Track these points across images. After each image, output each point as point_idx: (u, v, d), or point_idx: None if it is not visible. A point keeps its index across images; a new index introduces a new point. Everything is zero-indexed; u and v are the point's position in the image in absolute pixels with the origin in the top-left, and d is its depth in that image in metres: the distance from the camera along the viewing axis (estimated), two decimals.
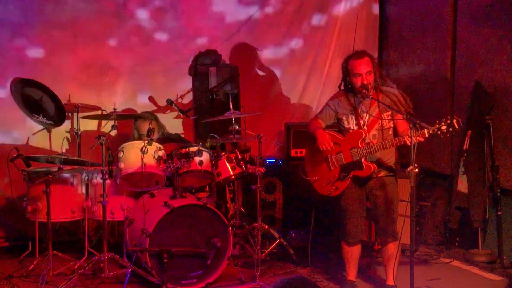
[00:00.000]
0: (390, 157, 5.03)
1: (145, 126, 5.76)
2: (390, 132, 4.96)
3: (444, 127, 4.56)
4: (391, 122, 4.93)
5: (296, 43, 7.28)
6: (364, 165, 4.89)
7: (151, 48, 6.78)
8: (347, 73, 4.96)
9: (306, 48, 7.29)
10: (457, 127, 4.55)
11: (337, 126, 5.13)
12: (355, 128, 4.98)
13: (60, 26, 6.45)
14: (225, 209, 6.27)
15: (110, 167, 5.19)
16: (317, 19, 7.28)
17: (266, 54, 7.19)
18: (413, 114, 4.69)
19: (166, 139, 6.01)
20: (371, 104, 4.95)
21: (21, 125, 6.34)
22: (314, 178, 5.13)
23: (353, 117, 5.00)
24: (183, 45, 6.88)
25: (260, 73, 7.21)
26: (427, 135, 4.60)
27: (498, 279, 5.52)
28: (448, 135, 4.60)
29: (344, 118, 5.04)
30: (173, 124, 6.83)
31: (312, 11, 7.27)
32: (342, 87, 5.11)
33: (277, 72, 7.25)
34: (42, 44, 6.43)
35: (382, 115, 4.93)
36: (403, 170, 5.10)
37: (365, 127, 4.95)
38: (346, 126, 5.03)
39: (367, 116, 4.95)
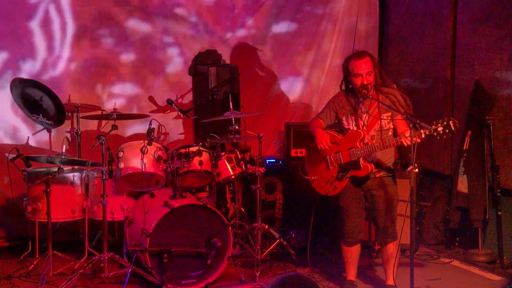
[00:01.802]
0: (389, 158, 5.02)
1: None
2: (390, 133, 4.95)
3: (440, 129, 4.52)
4: (391, 123, 4.93)
5: (296, 43, 7.28)
6: (361, 165, 4.89)
7: (151, 47, 6.78)
8: (347, 73, 4.97)
9: (306, 49, 7.28)
10: (453, 128, 4.51)
11: (339, 126, 5.13)
12: (355, 128, 4.98)
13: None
14: (225, 209, 6.27)
15: (110, 167, 5.19)
16: (317, 20, 7.28)
17: (266, 54, 7.18)
18: (413, 116, 4.68)
19: None
20: (371, 104, 4.95)
21: (21, 125, 6.35)
22: (313, 178, 5.13)
23: (353, 118, 5.00)
24: (183, 45, 6.87)
25: (260, 73, 7.21)
26: (423, 136, 4.57)
27: (498, 279, 5.52)
28: (444, 136, 4.56)
29: (344, 118, 5.05)
30: (173, 124, 6.83)
31: (313, 11, 7.27)
32: (343, 87, 5.11)
33: (277, 72, 7.24)
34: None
35: (382, 116, 4.92)
36: (403, 170, 5.10)
37: (364, 127, 4.95)
38: (346, 126, 5.03)
39: (367, 116, 4.95)
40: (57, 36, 6.43)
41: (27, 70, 6.34)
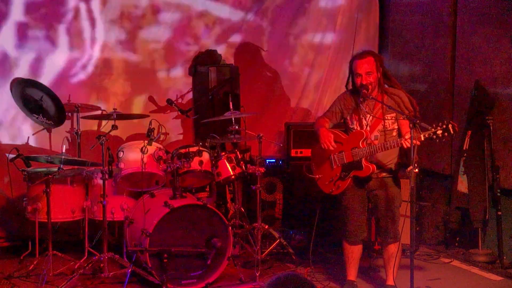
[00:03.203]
0: (392, 159, 5.01)
1: None
2: (394, 133, 4.94)
3: (439, 132, 4.49)
4: (395, 123, 4.91)
5: (295, 43, 7.27)
6: (363, 165, 4.89)
7: (151, 47, 6.78)
8: (351, 72, 4.97)
9: (306, 47, 7.28)
10: (452, 132, 4.48)
11: (345, 126, 5.13)
12: (358, 128, 4.98)
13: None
14: (225, 209, 6.27)
15: (110, 167, 5.18)
16: (317, 20, 7.28)
17: (267, 53, 7.19)
18: (419, 118, 4.65)
19: None
20: (376, 104, 4.94)
21: (21, 125, 6.35)
22: (318, 176, 5.15)
23: (357, 117, 5.00)
24: (183, 45, 6.88)
25: (261, 73, 7.21)
26: (422, 139, 4.54)
27: (498, 279, 5.52)
28: (443, 139, 4.55)
29: (348, 117, 5.05)
30: (173, 124, 6.83)
31: (312, 12, 7.27)
32: (349, 86, 5.10)
33: (278, 72, 7.24)
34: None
35: (386, 116, 4.91)
36: (403, 170, 5.10)
37: (367, 127, 4.95)
38: (350, 126, 5.04)
39: (370, 116, 4.94)
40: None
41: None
